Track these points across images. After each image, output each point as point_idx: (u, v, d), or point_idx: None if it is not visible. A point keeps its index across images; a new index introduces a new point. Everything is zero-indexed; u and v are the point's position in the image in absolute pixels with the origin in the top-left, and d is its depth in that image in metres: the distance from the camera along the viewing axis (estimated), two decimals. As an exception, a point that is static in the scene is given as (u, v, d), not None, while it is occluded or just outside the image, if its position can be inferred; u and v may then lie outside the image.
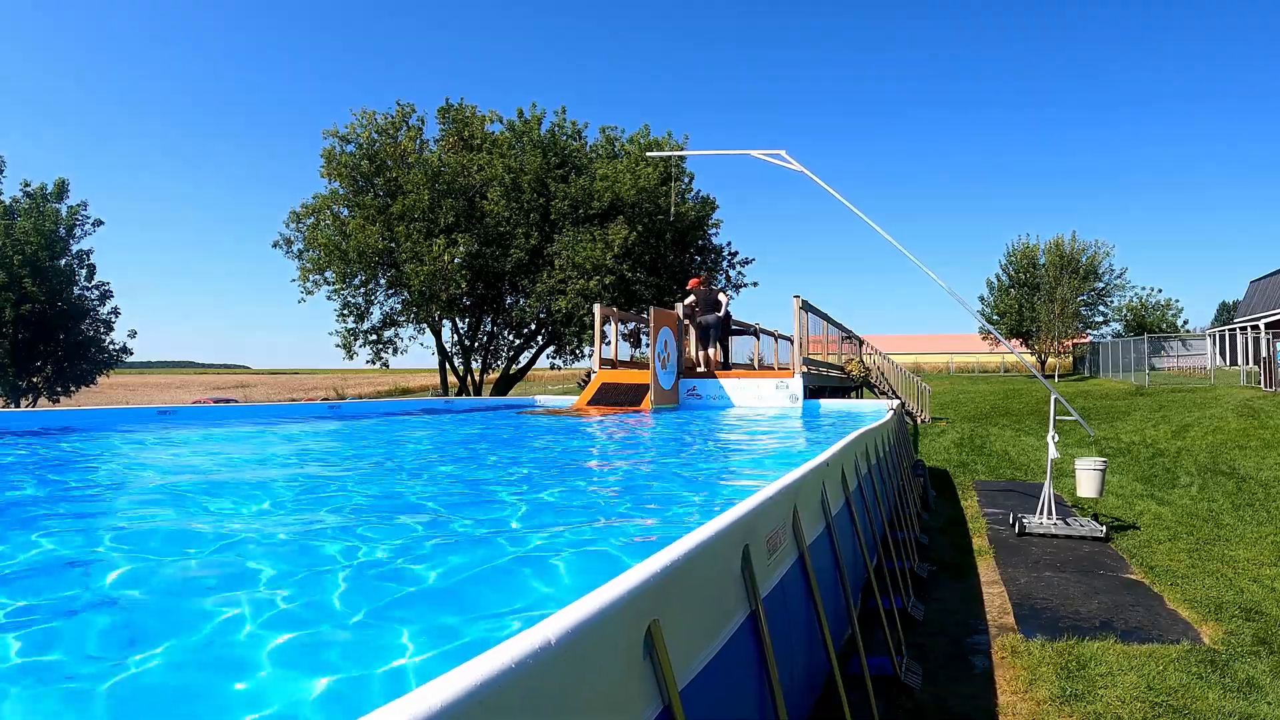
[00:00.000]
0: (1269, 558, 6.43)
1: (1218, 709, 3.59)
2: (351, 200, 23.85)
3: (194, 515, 3.52)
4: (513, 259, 23.59)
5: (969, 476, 11.54)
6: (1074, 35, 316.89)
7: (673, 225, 24.82)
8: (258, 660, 1.83)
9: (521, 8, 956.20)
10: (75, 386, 27.85)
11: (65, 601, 2.27)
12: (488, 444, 7.62)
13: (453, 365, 26.77)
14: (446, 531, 3.25)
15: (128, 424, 8.48)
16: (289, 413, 11.19)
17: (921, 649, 4.47)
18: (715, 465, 6.14)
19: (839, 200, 10.89)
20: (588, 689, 1.26)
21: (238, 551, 2.81)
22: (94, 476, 4.99)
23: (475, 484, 4.84)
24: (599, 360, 14.01)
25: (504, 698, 1.02)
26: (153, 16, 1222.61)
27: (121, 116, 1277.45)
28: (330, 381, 68.25)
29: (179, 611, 2.21)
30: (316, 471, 5.29)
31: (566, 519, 3.63)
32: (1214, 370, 27.60)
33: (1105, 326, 45.65)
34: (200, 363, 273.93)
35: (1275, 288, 37.96)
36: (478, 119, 25.15)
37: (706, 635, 1.83)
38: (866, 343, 20.41)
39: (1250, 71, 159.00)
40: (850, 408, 13.38)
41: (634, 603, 1.41)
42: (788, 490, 2.72)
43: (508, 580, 2.58)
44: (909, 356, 45.03)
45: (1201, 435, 14.46)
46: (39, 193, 26.33)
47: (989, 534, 7.63)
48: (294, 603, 2.28)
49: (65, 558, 2.75)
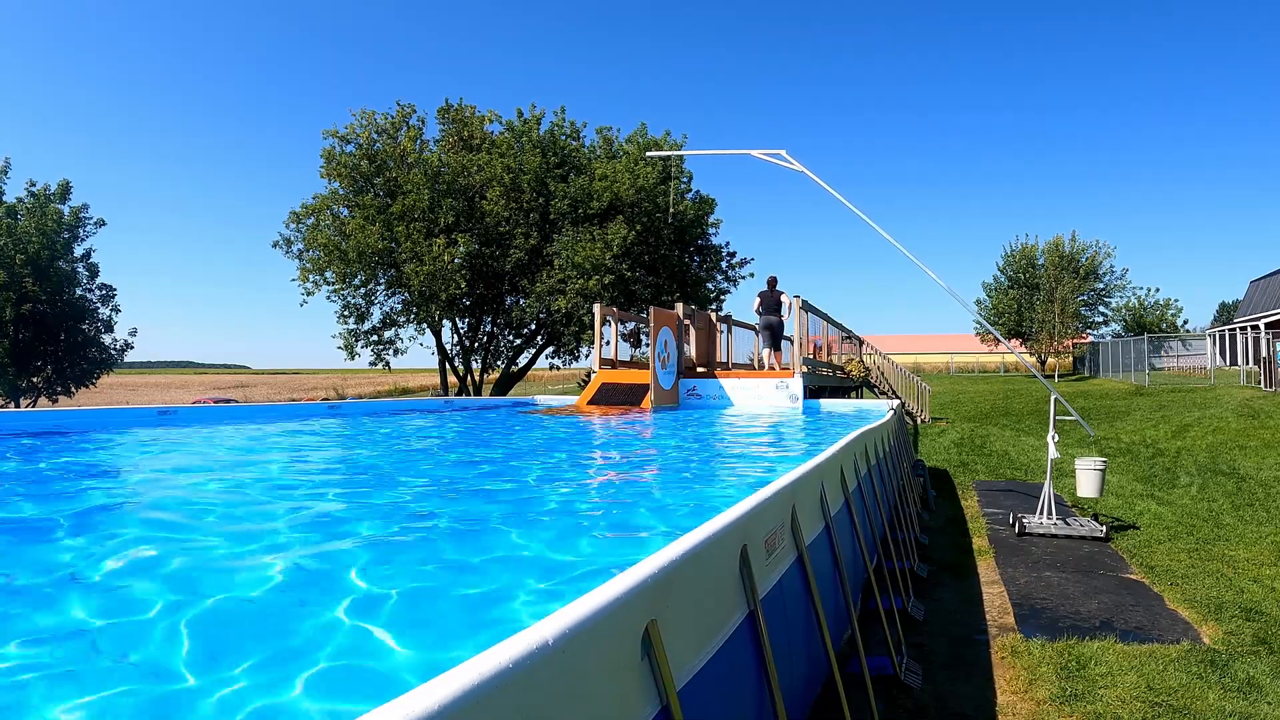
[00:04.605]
0: (1269, 558, 6.42)
1: (1218, 709, 3.59)
2: (351, 200, 23.83)
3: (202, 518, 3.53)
4: (512, 259, 23.57)
5: (969, 476, 11.54)
6: (1074, 35, 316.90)
7: (672, 225, 24.80)
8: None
9: (521, 8, 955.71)
10: (75, 386, 27.85)
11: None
12: (487, 443, 7.62)
13: (453, 365, 26.76)
14: (443, 529, 3.25)
15: (128, 424, 8.48)
16: (289, 413, 11.19)
17: (921, 649, 4.47)
18: (714, 465, 6.14)
19: (839, 200, 10.90)
20: (585, 689, 1.26)
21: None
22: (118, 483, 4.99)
23: (475, 484, 4.84)
24: (599, 360, 14.01)
25: (501, 698, 1.02)
26: (153, 17, 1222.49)
27: (122, 117, 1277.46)
28: (330, 381, 68.24)
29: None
30: (299, 470, 5.29)
31: (565, 518, 3.63)
32: (1214, 370, 27.59)
33: (1105, 326, 45.68)
34: (200, 363, 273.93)
35: (1275, 288, 37.94)
36: (477, 119, 25.13)
37: (704, 635, 1.83)
38: (866, 343, 20.41)
39: (1250, 71, 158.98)
40: (850, 407, 13.38)
41: (632, 603, 1.40)
42: (786, 491, 2.72)
43: (502, 580, 2.57)
44: (909, 356, 45.01)
45: (1201, 435, 14.46)
46: (42, 193, 26.34)
47: (989, 534, 7.63)
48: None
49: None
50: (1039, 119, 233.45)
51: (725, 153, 13.78)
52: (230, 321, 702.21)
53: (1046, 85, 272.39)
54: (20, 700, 1.62)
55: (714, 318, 15.46)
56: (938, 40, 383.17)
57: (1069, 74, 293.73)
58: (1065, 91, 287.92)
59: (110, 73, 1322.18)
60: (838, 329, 18.46)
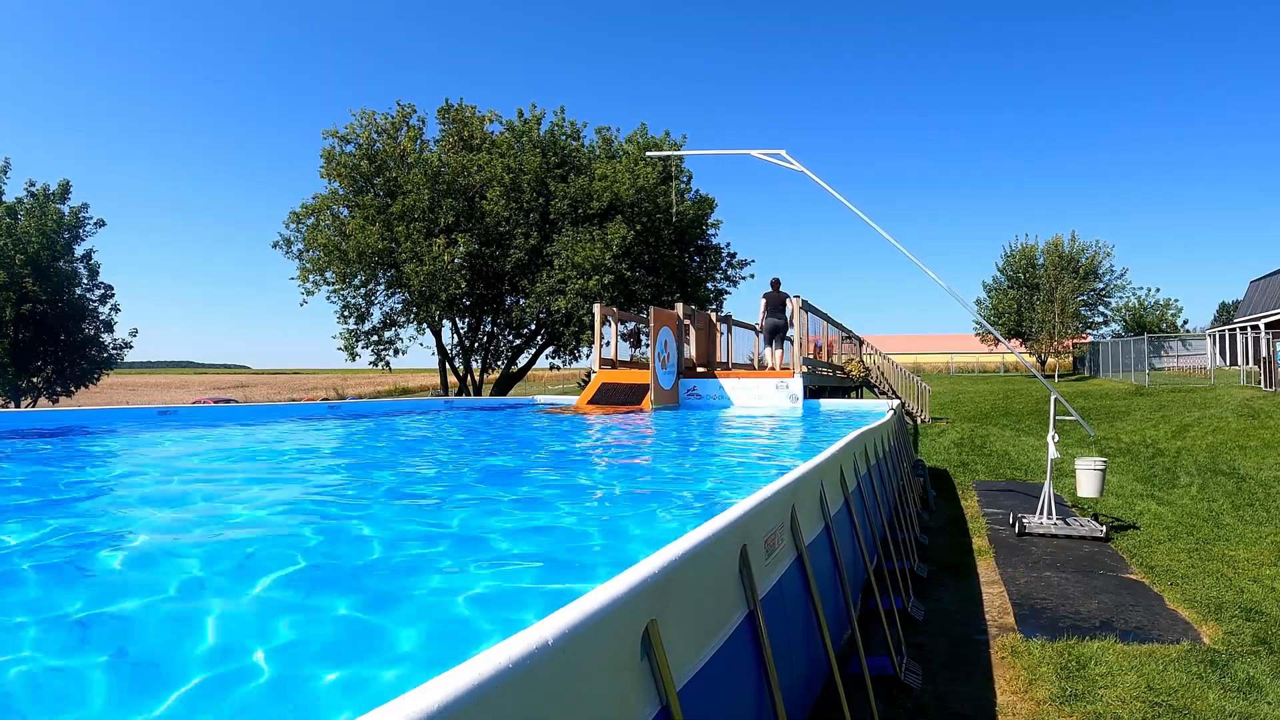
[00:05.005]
0: (1269, 558, 6.43)
1: (1218, 709, 3.59)
2: (351, 200, 23.83)
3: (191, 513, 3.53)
4: (512, 259, 23.58)
5: (969, 476, 11.54)
6: (1074, 35, 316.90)
7: (674, 225, 24.82)
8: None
9: (521, 8, 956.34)
10: (75, 386, 27.86)
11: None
12: (487, 443, 7.62)
13: (452, 365, 26.76)
14: (442, 529, 3.25)
15: (128, 424, 8.48)
16: (289, 413, 11.19)
17: (921, 649, 4.47)
18: (713, 465, 6.14)
19: (839, 200, 10.90)
20: (585, 689, 1.26)
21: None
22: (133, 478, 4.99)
23: (473, 483, 4.84)
24: (599, 360, 14.01)
25: (501, 698, 1.02)
26: (153, 17, 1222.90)
27: (122, 117, 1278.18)
28: (330, 381, 68.26)
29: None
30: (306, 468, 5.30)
31: (564, 518, 3.62)
32: (1214, 370, 27.58)
33: (1105, 326, 45.67)
34: (200, 363, 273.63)
35: (1275, 288, 37.93)
36: (477, 119, 25.13)
37: (704, 636, 1.83)
38: (866, 343, 20.41)
39: (1250, 71, 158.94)
40: (850, 407, 13.38)
41: (631, 603, 1.40)
42: (785, 491, 2.72)
43: (500, 580, 2.58)
44: (909, 356, 44.98)
45: (1201, 435, 14.46)
46: (42, 193, 26.35)
47: (989, 534, 7.63)
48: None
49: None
50: (1039, 119, 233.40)
51: (725, 153, 13.79)
52: (230, 321, 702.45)
53: (1046, 85, 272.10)
54: (19, 701, 1.63)
55: (714, 318, 15.47)
56: (938, 40, 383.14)
57: (1069, 74, 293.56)
58: (1065, 91, 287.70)
59: (110, 73, 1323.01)
60: (838, 329, 18.46)
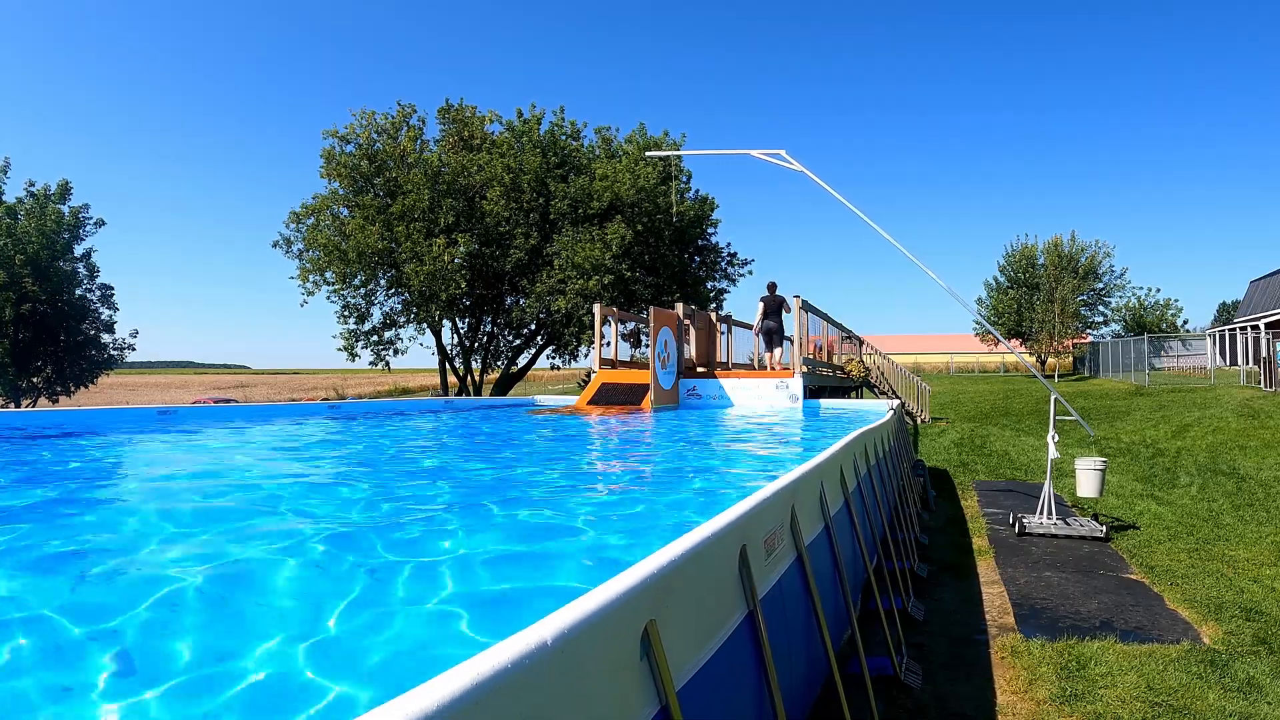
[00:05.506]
0: (1269, 558, 6.42)
1: (1218, 709, 3.59)
2: (351, 200, 23.83)
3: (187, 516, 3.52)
4: (512, 259, 23.58)
5: (969, 476, 11.54)
6: (1074, 35, 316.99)
7: (674, 224, 24.82)
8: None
9: (521, 8, 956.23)
10: (75, 386, 27.86)
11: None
12: (487, 443, 7.62)
13: (453, 365, 26.76)
14: (442, 529, 3.25)
15: (128, 424, 8.48)
16: (288, 413, 11.19)
17: (921, 649, 4.47)
18: (713, 465, 6.13)
19: (839, 200, 10.90)
20: (585, 689, 1.26)
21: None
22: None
23: (472, 483, 4.84)
24: (599, 360, 14.01)
25: (500, 698, 1.02)
26: (153, 17, 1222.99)
27: (122, 117, 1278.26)
28: (330, 381, 68.26)
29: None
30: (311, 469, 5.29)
31: (563, 518, 3.62)
32: (1214, 370, 27.58)
33: (1105, 326, 45.67)
34: (200, 363, 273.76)
35: (1275, 287, 37.93)
36: (477, 119, 25.12)
37: (704, 636, 1.83)
38: (866, 343, 20.41)
39: (1250, 71, 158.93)
40: (850, 407, 13.38)
41: (631, 603, 1.40)
42: (785, 491, 2.72)
43: (499, 580, 2.57)
44: (909, 356, 45.00)
45: (1201, 435, 14.46)
46: (42, 193, 26.35)
47: (989, 534, 7.63)
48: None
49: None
50: (1039, 119, 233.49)
51: (725, 153, 13.78)
52: (230, 321, 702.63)
53: (1046, 85, 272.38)
54: (20, 702, 1.63)
55: (714, 318, 15.47)
56: (938, 40, 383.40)
57: (1069, 74, 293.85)
58: (1065, 91, 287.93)
59: (110, 73, 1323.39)
60: (838, 329, 18.46)
